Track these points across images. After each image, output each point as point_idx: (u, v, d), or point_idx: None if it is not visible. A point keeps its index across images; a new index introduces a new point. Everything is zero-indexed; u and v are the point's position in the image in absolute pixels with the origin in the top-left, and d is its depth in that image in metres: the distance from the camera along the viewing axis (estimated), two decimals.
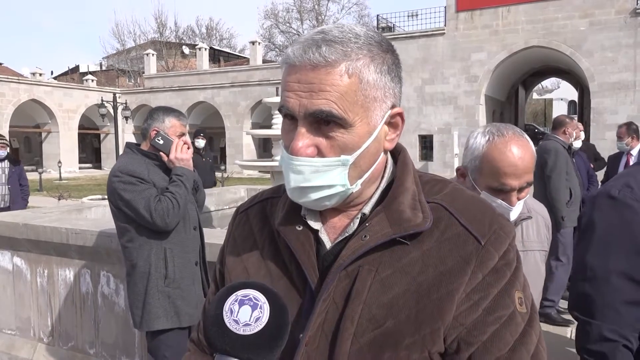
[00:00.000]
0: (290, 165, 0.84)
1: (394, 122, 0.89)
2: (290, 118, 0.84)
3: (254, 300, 0.72)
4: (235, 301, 0.72)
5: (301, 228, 0.91)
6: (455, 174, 1.83)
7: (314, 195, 0.84)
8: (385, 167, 0.94)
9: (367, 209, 0.90)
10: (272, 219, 0.97)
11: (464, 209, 0.88)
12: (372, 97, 0.83)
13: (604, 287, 1.38)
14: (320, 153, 0.83)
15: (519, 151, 1.60)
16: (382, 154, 0.90)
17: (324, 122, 0.82)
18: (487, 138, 1.65)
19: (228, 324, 0.70)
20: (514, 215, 1.67)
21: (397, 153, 0.96)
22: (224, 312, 0.71)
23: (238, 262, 0.98)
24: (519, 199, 1.66)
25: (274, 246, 0.95)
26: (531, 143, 1.67)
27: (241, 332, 0.70)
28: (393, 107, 0.87)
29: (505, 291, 0.84)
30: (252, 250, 0.98)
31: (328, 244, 0.90)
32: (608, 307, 1.36)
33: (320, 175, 0.83)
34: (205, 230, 3.07)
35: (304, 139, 0.82)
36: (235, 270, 0.98)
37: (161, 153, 2.80)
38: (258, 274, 0.94)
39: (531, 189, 1.89)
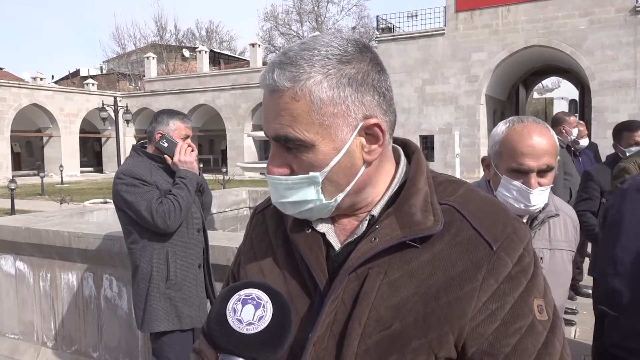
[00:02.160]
0: (269, 182, 0.88)
1: (373, 133, 0.85)
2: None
3: (257, 300, 0.72)
4: (238, 300, 0.72)
5: (310, 231, 0.92)
6: (456, 173, 1.84)
7: (294, 210, 0.88)
8: (397, 168, 0.94)
9: (375, 211, 0.89)
10: (286, 220, 0.98)
11: (477, 212, 0.87)
12: (331, 113, 0.81)
13: (635, 281, 1.36)
14: (292, 171, 0.86)
15: (536, 133, 1.67)
16: (364, 167, 0.86)
17: (282, 143, 0.84)
18: (507, 125, 1.74)
19: (231, 324, 0.70)
20: (534, 200, 1.68)
21: (411, 153, 0.96)
22: (227, 312, 0.71)
23: (254, 262, 1.00)
24: (540, 185, 1.68)
25: (287, 247, 0.96)
26: (552, 132, 1.72)
27: (245, 332, 0.70)
28: (368, 117, 0.83)
29: (523, 300, 0.82)
30: (267, 250, 0.99)
31: (337, 246, 0.90)
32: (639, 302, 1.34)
33: (294, 191, 0.86)
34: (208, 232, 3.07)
35: (276, 159, 0.86)
36: (251, 270, 0.99)
37: (165, 156, 2.83)
38: (272, 274, 0.95)
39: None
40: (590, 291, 5.59)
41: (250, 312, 0.71)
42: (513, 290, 0.82)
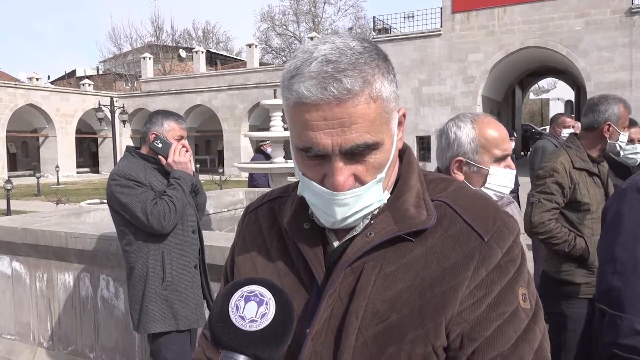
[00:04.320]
0: (335, 201, 0.83)
1: (400, 121, 0.91)
2: (317, 156, 0.83)
3: (260, 297, 0.72)
4: (241, 297, 0.72)
5: (308, 226, 0.92)
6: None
7: (356, 217, 0.86)
8: None
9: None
10: (281, 218, 0.98)
11: (468, 206, 0.89)
12: (390, 109, 0.84)
13: (634, 279, 1.37)
14: (358, 179, 0.84)
15: (497, 123, 1.87)
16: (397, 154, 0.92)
17: (358, 151, 0.82)
18: (470, 122, 1.84)
19: (234, 320, 0.70)
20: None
21: (402, 152, 0.97)
22: (230, 309, 0.71)
23: (247, 260, 1.00)
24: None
25: (281, 244, 0.97)
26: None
27: (247, 329, 0.70)
28: (399, 108, 0.89)
29: (509, 288, 0.84)
30: (260, 248, 1.00)
31: (335, 242, 0.91)
32: (639, 300, 1.35)
33: (363, 199, 0.84)
34: (204, 233, 3.07)
35: (344, 172, 0.82)
36: (244, 268, 1.00)
37: (160, 156, 2.82)
38: (266, 271, 0.95)
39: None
40: None
41: (253, 309, 0.71)
42: (501, 279, 0.84)
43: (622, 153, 3.27)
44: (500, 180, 1.78)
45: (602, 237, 1.56)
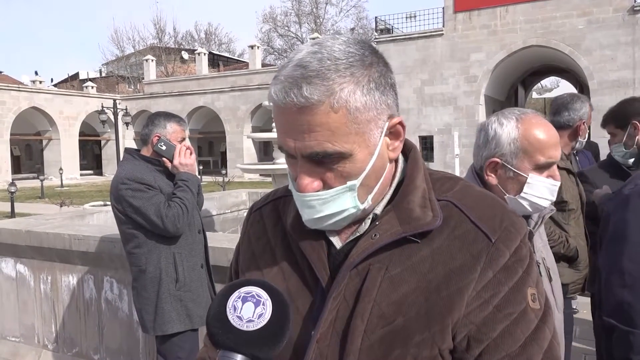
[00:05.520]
0: (300, 200, 0.85)
1: (395, 131, 0.87)
2: (290, 155, 0.85)
3: (257, 297, 0.73)
4: (239, 298, 0.73)
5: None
6: (456, 174, 1.78)
7: (329, 221, 0.85)
8: (396, 167, 0.93)
9: (378, 209, 0.90)
10: (284, 217, 0.98)
11: (475, 206, 0.88)
12: (366, 120, 0.81)
13: None
14: (326, 184, 0.83)
15: (545, 123, 1.58)
16: (388, 165, 0.89)
17: (317, 159, 0.81)
18: (515, 121, 1.58)
19: (232, 321, 0.71)
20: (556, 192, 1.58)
21: (407, 151, 0.96)
22: (228, 309, 0.72)
23: (252, 260, 1.00)
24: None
25: (286, 245, 0.96)
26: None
27: (244, 329, 0.71)
28: (391, 117, 0.85)
29: (517, 288, 0.83)
30: (265, 248, 0.99)
31: (338, 244, 0.90)
32: None
33: (331, 204, 0.84)
34: (207, 234, 3.08)
35: (307, 175, 0.83)
36: (249, 268, 0.99)
37: (164, 159, 2.82)
38: (270, 272, 0.95)
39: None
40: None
41: (250, 310, 0.72)
42: (508, 280, 0.83)
43: (613, 150, 3.27)
44: (539, 191, 1.53)
45: (606, 246, 1.50)
